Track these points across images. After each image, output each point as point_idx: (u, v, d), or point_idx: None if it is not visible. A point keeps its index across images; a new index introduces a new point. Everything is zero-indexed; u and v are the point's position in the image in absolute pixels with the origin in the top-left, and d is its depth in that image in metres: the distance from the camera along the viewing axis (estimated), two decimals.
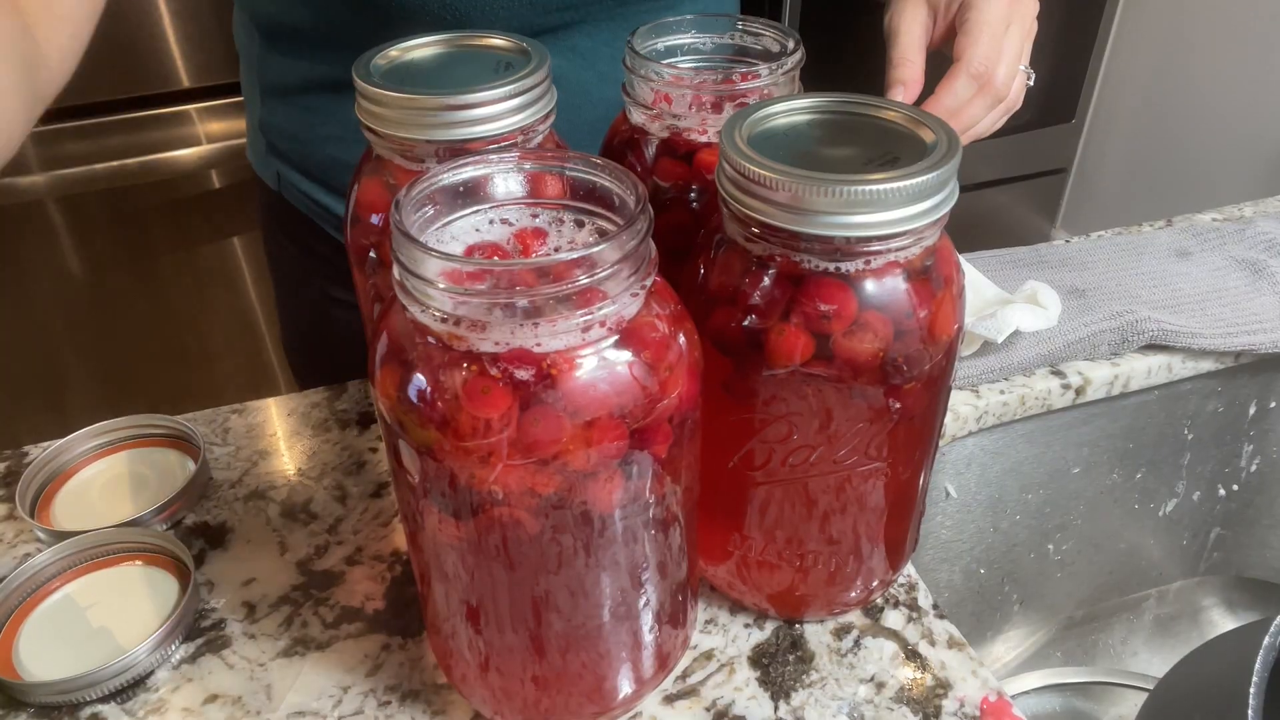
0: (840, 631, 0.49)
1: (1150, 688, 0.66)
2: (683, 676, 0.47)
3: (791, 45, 0.47)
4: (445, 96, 0.40)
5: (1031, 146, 2.22)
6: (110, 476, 0.58)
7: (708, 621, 0.50)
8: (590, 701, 0.42)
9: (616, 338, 0.33)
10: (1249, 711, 0.44)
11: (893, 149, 0.38)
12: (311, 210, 0.74)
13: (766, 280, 0.38)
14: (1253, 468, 0.76)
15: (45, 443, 0.59)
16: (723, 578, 0.49)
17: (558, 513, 0.35)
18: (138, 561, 0.52)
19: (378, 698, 0.46)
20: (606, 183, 0.36)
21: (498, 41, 0.46)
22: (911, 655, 0.48)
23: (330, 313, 0.79)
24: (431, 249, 0.31)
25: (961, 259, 0.42)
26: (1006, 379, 0.65)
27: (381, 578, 0.52)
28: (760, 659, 0.48)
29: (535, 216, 0.37)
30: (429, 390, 0.33)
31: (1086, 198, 2.38)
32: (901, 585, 0.51)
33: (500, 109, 0.41)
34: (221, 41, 0.75)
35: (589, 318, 0.32)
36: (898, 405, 0.40)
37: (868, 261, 0.37)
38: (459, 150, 0.41)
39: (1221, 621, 0.81)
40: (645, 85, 0.46)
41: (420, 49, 0.46)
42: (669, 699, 0.46)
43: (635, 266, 0.33)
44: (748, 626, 0.49)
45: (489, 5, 0.60)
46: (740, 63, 0.50)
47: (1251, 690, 0.45)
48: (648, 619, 0.41)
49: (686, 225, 0.46)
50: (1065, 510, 0.72)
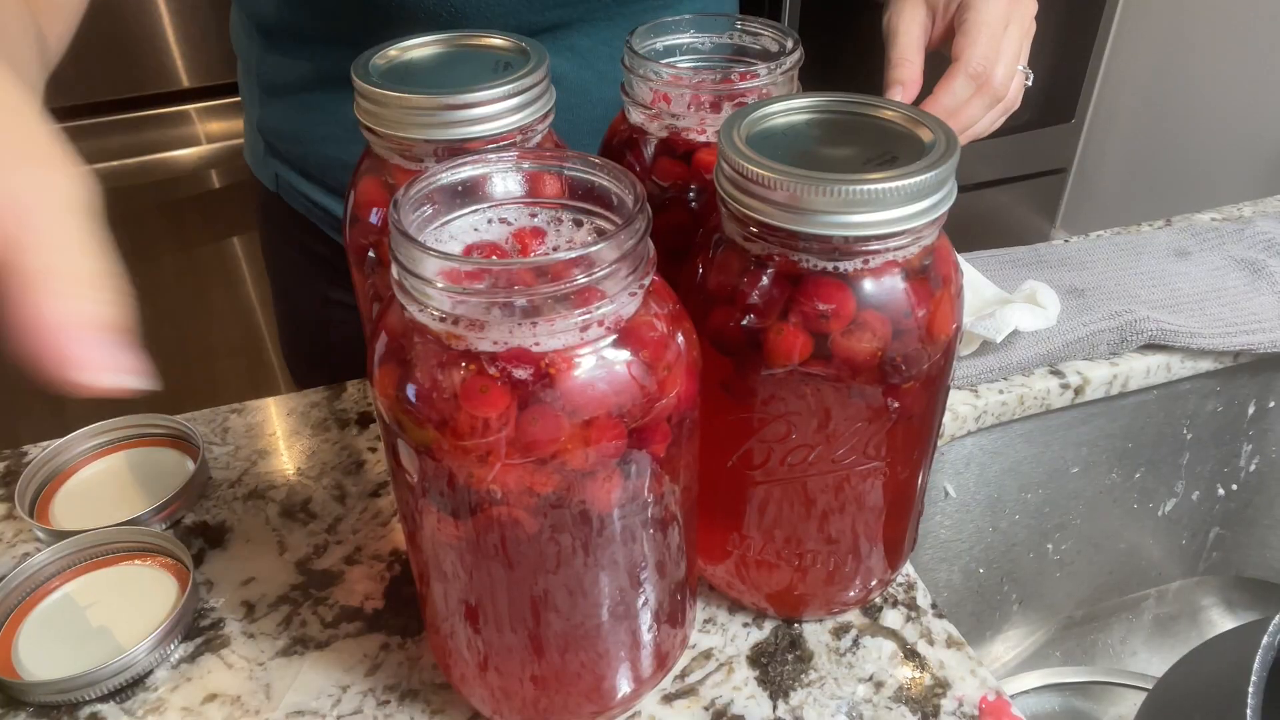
0: (839, 631, 0.49)
1: (1149, 687, 0.66)
2: (681, 676, 0.47)
3: (790, 45, 0.47)
4: (444, 96, 0.40)
5: (1031, 146, 2.22)
6: (110, 476, 0.58)
7: (706, 621, 0.50)
8: (589, 701, 0.42)
9: (615, 337, 0.33)
10: (1248, 711, 0.44)
11: (891, 148, 0.38)
12: (309, 211, 0.74)
13: (765, 280, 0.38)
14: (1252, 467, 0.76)
15: (45, 442, 0.59)
16: (721, 577, 0.49)
17: (556, 512, 0.35)
18: (137, 561, 0.52)
19: (377, 697, 0.46)
20: (605, 182, 0.36)
21: (497, 41, 0.46)
22: (910, 655, 0.48)
23: (328, 314, 0.79)
24: (430, 248, 0.31)
25: (960, 258, 0.42)
26: (1005, 379, 0.65)
27: (380, 577, 0.52)
28: (759, 658, 0.48)
29: (534, 216, 0.37)
30: (427, 389, 0.33)
31: (1086, 198, 2.38)
32: (900, 585, 0.51)
33: (499, 109, 0.41)
34: (221, 41, 0.75)
35: (587, 317, 0.32)
36: (896, 405, 0.40)
37: (866, 261, 0.37)
38: (457, 150, 0.41)
39: (1221, 621, 0.81)
40: (644, 85, 0.46)
41: (419, 49, 0.46)
42: (668, 698, 0.46)
43: (634, 266, 0.33)
44: (746, 626, 0.49)
45: (485, 2, 0.60)
46: (739, 62, 0.50)
47: (1251, 690, 0.45)
48: (646, 618, 0.41)
49: (685, 225, 0.46)
50: (1064, 510, 0.72)
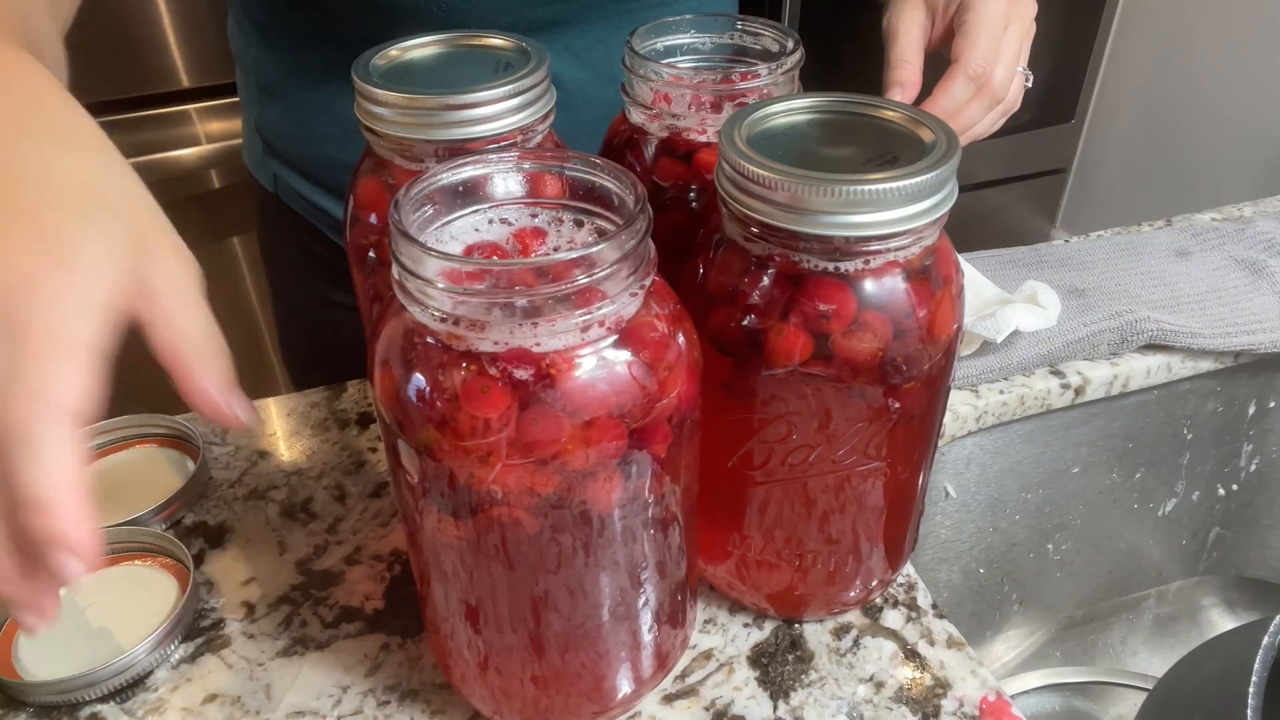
0: (839, 631, 0.49)
1: (1150, 688, 0.66)
2: (682, 676, 0.47)
3: (791, 45, 0.47)
4: (444, 96, 0.40)
5: (1031, 146, 2.22)
6: (110, 476, 0.58)
7: (707, 621, 0.50)
8: (589, 701, 0.42)
9: (615, 337, 0.33)
10: (1248, 711, 0.44)
11: (892, 149, 0.38)
12: (308, 212, 0.74)
13: (766, 280, 0.38)
14: (1252, 467, 0.76)
15: None
16: (722, 577, 0.49)
17: (557, 512, 0.35)
18: (137, 561, 0.52)
19: (377, 697, 0.46)
20: (606, 182, 0.36)
21: (497, 41, 0.46)
22: (911, 655, 0.48)
23: (327, 315, 0.79)
24: (431, 249, 0.31)
25: (961, 259, 0.42)
26: (1006, 379, 0.65)
27: (381, 577, 0.52)
28: (759, 658, 0.48)
29: (534, 216, 0.37)
30: (428, 390, 0.33)
31: (1086, 198, 2.38)
32: (901, 585, 0.51)
33: (499, 109, 0.41)
34: (221, 41, 0.75)
35: (588, 317, 0.32)
36: (897, 405, 0.40)
37: (867, 261, 0.37)
38: (458, 150, 0.41)
39: (1221, 621, 0.81)
40: (644, 85, 0.46)
41: (419, 49, 0.46)
42: (668, 698, 0.46)
43: (634, 266, 0.33)
44: (747, 626, 0.49)
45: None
46: (739, 62, 0.50)
47: (1251, 690, 0.45)
48: (647, 618, 0.41)
49: (686, 225, 0.46)
50: (1064, 510, 0.72)
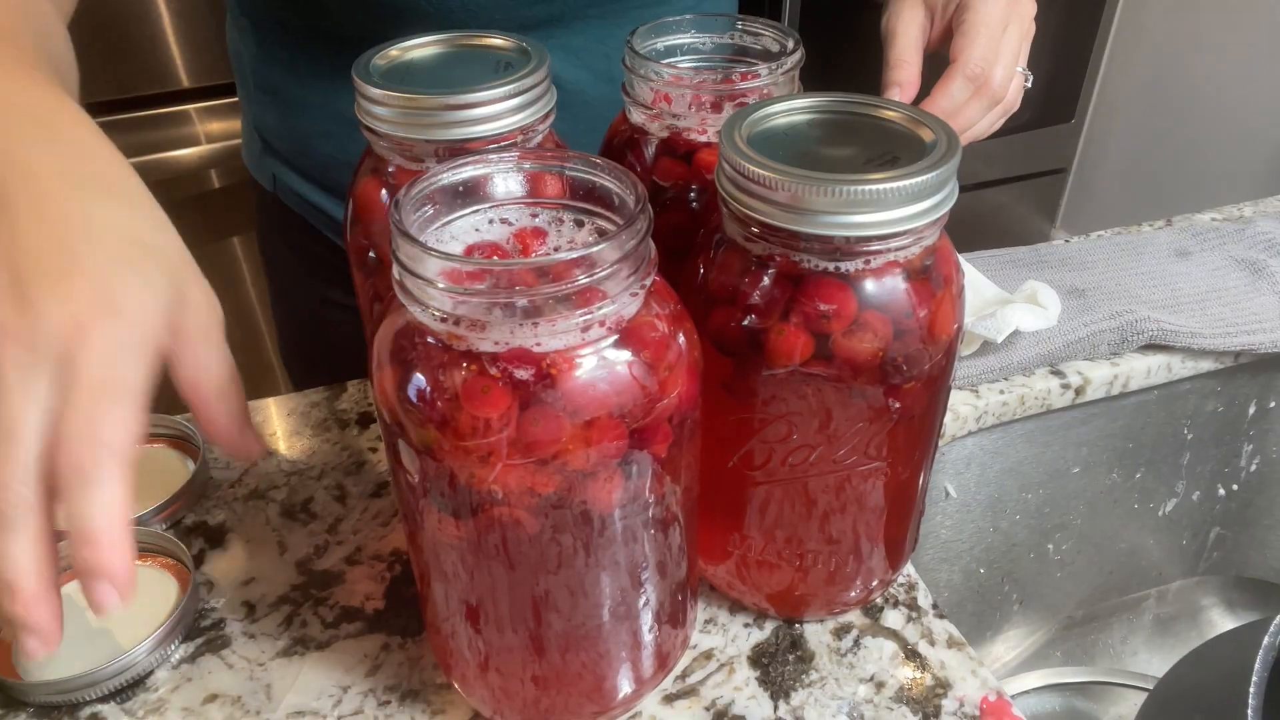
0: (840, 631, 0.49)
1: (1150, 688, 0.66)
2: (682, 676, 0.47)
3: (791, 45, 0.47)
4: (445, 96, 0.40)
5: (1031, 146, 2.22)
6: None
7: (707, 621, 0.50)
8: (590, 701, 0.42)
9: (616, 337, 0.33)
10: (1249, 711, 0.44)
11: (892, 149, 0.38)
12: (306, 211, 0.74)
13: (766, 280, 0.38)
14: (1252, 467, 0.76)
15: None
16: (722, 577, 0.49)
17: (557, 512, 0.35)
18: (137, 562, 0.52)
19: (377, 697, 0.46)
20: (606, 182, 0.36)
21: (497, 41, 0.46)
22: (911, 655, 0.48)
23: (326, 315, 0.79)
24: (431, 248, 0.31)
25: (961, 259, 0.42)
26: (1006, 379, 0.65)
27: (381, 577, 0.52)
28: (760, 658, 0.48)
29: (535, 216, 0.37)
30: (428, 390, 0.33)
31: (1086, 198, 2.38)
32: (901, 585, 0.51)
33: (500, 109, 0.41)
34: (221, 41, 0.76)
35: (588, 317, 0.32)
36: (897, 405, 0.40)
37: (867, 261, 0.37)
38: (459, 150, 0.41)
39: (1221, 621, 0.81)
40: (645, 85, 0.46)
41: (419, 49, 0.46)
42: (668, 698, 0.46)
43: (635, 266, 0.33)
44: (747, 626, 0.49)
45: None
46: (740, 62, 0.50)
47: (1251, 690, 0.45)
48: (647, 618, 0.41)
49: (686, 225, 0.46)
50: (1065, 510, 0.72)
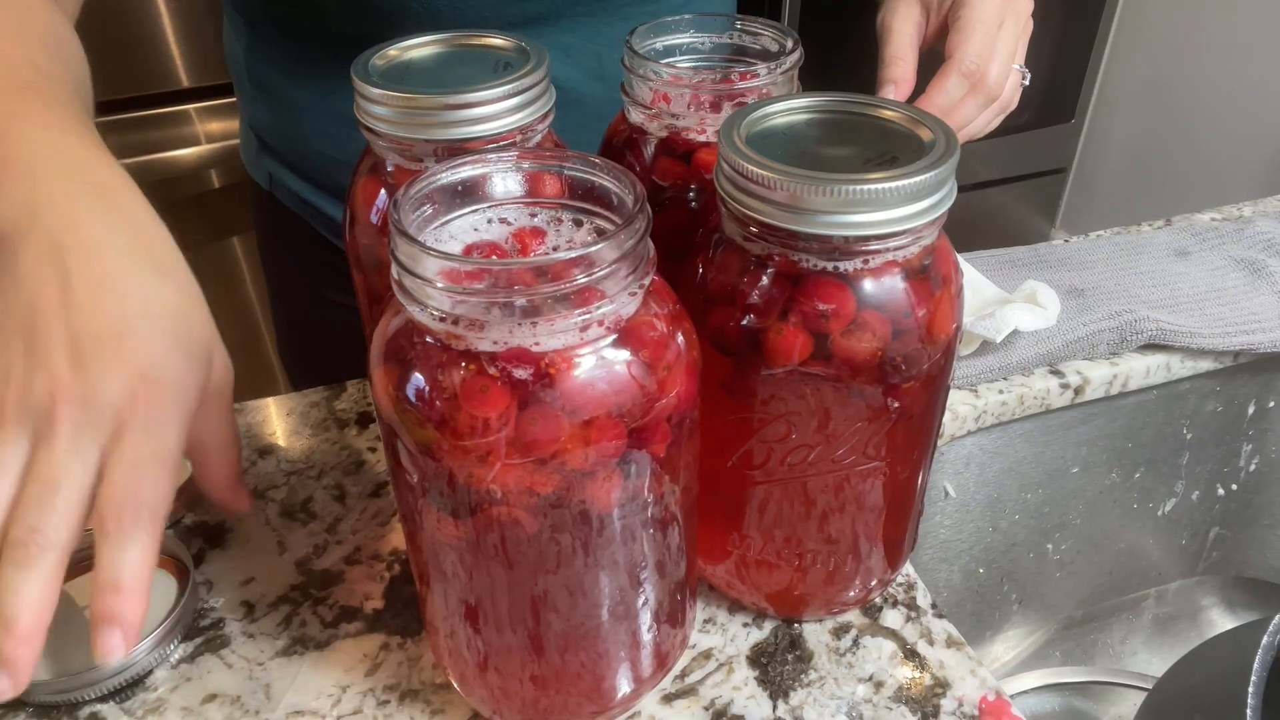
0: (839, 631, 0.49)
1: (1149, 687, 0.66)
2: (681, 676, 0.47)
3: (790, 45, 0.47)
4: (444, 96, 0.40)
5: (1031, 146, 2.22)
6: None
7: (706, 621, 0.50)
8: (589, 701, 0.42)
9: (615, 337, 0.33)
10: (1248, 711, 0.44)
11: (891, 148, 0.38)
12: (302, 210, 0.74)
13: (765, 279, 0.38)
14: (1251, 467, 0.76)
15: None
16: (721, 577, 0.49)
17: (556, 512, 0.35)
18: None
19: (376, 697, 0.46)
20: (605, 182, 0.36)
21: (496, 41, 0.46)
22: (910, 654, 0.48)
23: (325, 315, 0.79)
24: (430, 248, 0.31)
25: (960, 258, 0.42)
26: (1005, 378, 0.65)
27: (380, 577, 0.52)
28: (759, 658, 0.48)
29: (534, 216, 0.37)
30: (427, 389, 0.33)
31: (1086, 197, 2.38)
32: (900, 585, 0.51)
33: (499, 108, 0.41)
34: (221, 41, 0.76)
35: (587, 317, 0.32)
36: (896, 404, 0.40)
37: (866, 261, 0.37)
38: (458, 150, 0.41)
39: (1220, 621, 0.81)
40: (644, 85, 0.46)
41: (418, 48, 0.46)
42: (667, 698, 0.46)
43: (633, 266, 0.33)
44: (746, 626, 0.49)
45: None
46: (739, 62, 0.50)
47: (1250, 690, 0.45)
48: (646, 618, 0.41)
49: (685, 225, 0.46)
50: (1064, 510, 0.72)
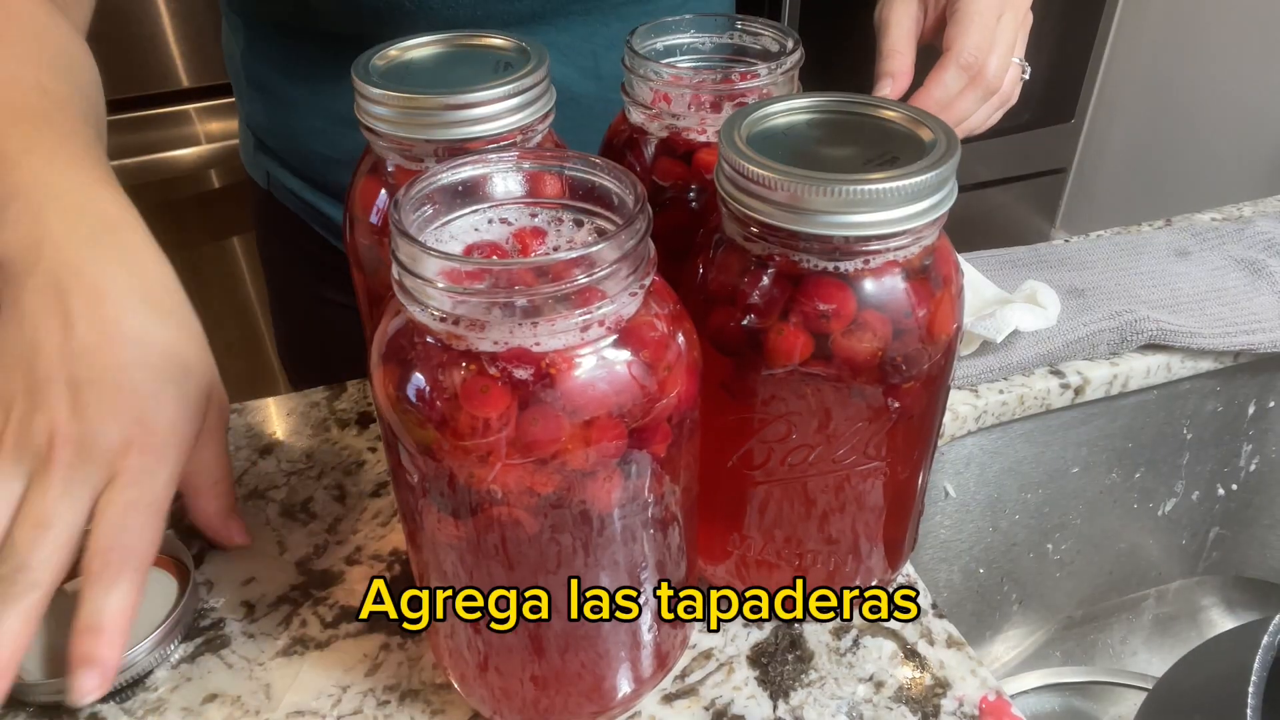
0: (839, 631, 0.49)
1: (1149, 687, 0.66)
2: (682, 676, 0.47)
3: (791, 45, 0.47)
4: (444, 96, 0.40)
5: (1031, 146, 2.22)
6: None
7: None
8: (589, 701, 0.42)
9: (615, 337, 0.33)
10: (1248, 711, 0.44)
11: (892, 148, 0.38)
12: (300, 209, 0.74)
13: (765, 280, 0.38)
14: (1252, 467, 0.76)
15: None
16: (722, 577, 0.49)
17: (556, 512, 0.35)
18: None
19: (377, 697, 0.46)
20: (605, 182, 0.36)
21: (497, 41, 0.46)
22: (910, 655, 0.48)
23: (324, 314, 0.79)
24: (430, 248, 0.31)
25: (960, 258, 0.42)
26: (1005, 379, 0.65)
27: (380, 577, 0.52)
28: (759, 658, 0.48)
29: (534, 216, 0.37)
30: (427, 389, 0.33)
31: (1086, 197, 2.38)
32: (900, 585, 0.51)
33: (499, 108, 0.41)
34: (220, 41, 0.76)
35: (588, 317, 0.32)
36: (896, 404, 0.40)
37: (866, 261, 0.37)
38: (458, 150, 0.41)
39: (1221, 621, 0.81)
40: (644, 85, 0.46)
41: (419, 48, 0.46)
42: (668, 698, 0.46)
43: (634, 266, 0.33)
44: (746, 626, 0.49)
45: None
46: (739, 62, 0.50)
47: (1250, 690, 0.45)
48: (647, 618, 0.41)
49: (685, 225, 0.46)
50: (1064, 510, 0.72)
